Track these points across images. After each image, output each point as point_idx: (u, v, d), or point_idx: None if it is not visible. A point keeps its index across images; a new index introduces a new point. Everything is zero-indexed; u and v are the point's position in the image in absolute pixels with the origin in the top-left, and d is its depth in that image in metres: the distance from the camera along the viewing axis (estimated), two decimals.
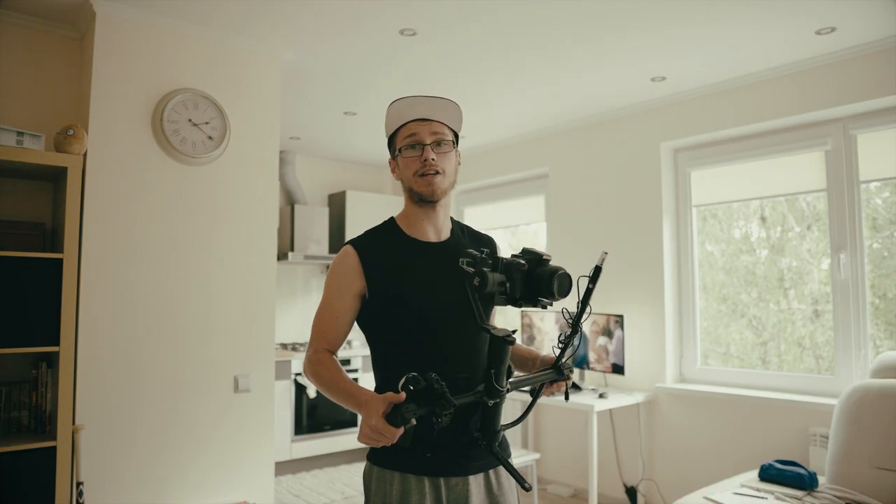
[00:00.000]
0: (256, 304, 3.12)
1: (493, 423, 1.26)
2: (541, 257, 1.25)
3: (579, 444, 4.18)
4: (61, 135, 2.52)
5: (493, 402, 1.22)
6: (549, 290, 1.21)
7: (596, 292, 1.32)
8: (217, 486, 2.94)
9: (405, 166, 1.44)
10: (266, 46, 3.18)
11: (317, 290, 5.57)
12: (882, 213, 3.30)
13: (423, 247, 1.47)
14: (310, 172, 5.62)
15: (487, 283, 1.17)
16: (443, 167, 1.42)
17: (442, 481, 1.38)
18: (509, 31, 3.00)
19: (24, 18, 2.82)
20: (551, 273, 1.22)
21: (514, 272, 1.21)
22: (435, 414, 1.12)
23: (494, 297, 1.19)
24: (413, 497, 1.35)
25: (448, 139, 1.45)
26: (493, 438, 1.28)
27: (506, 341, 1.18)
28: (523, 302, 1.24)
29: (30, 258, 2.44)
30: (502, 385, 1.22)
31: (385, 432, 1.12)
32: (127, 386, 2.73)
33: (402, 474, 1.37)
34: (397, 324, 1.42)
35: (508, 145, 4.98)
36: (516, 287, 1.21)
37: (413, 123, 1.43)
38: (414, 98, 1.45)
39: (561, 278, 1.23)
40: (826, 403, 3.11)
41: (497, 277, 1.19)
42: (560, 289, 1.22)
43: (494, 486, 1.44)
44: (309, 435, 4.80)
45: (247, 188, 3.12)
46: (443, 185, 1.43)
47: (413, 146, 1.42)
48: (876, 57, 3.06)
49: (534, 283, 1.22)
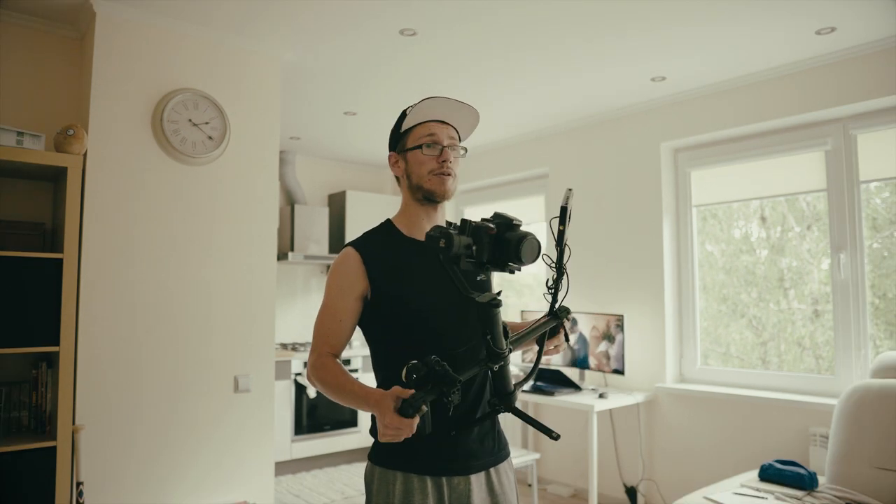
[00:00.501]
0: (256, 304, 3.12)
1: (504, 385, 1.26)
2: (510, 222, 1.24)
3: (579, 444, 4.18)
4: (61, 135, 2.52)
5: (497, 365, 1.23)
6: (517, 255, 1.20)
7: (596, 292, 1.33)
8: (217, 486, 2.94)
9: (419, 163, 1.44)
10: (266, 46, 3.18)
11: (317, 290, 5.57)
12: (882, 213, 3.30)
13: (421, 247, 1.47)
14: (310, 172, 5.62)
15: (453, 245, 1.16)
16: (454, 170, 1.45)
17: (444, 480, 1.38)
18: (509, 31, 3.00)
19: (24, 18, 2.82)
20: (520, 238, 1.21)
21: (482, 236, 1.20)
22: (444, 395, 1.12)
23: (460, 259, 1.18)
24: (416, 496, 1.35)
25: (459, 146, 1.48)
26: (509, 399, 1.27)
27: (491, 305, 1.18)
28: (490, 266, 1.23)
29: (30, 258, 2.44)
30: (501, 347, 1.21)
31: (402, 426, 1.13)
32: (127, 386, 2.73)
33: (404, 474, 1.37)
34: (398, 324, 1.42)
35: (508, 145, 4.98)
36: (483, 250, 1.20)
37: (434, 123, 1.45)
38: (446, 100, 1.46)
39: (530, 243, 1.21)
40: (826, 403, 3.11)
41: (464, 240, 1.18)
42: (527, 254, 1.21)
43: (496, 484, 1.44)
44: (309, 435, 4.80)
45: (247, 188, 3.12)
46: (453, 187, 1.46)
47: (431, 145, 1.43)
48: (876, 57, 3.06)
49: (502, 247, 1.22)
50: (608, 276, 4.16)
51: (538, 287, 5.03)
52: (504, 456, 1.49)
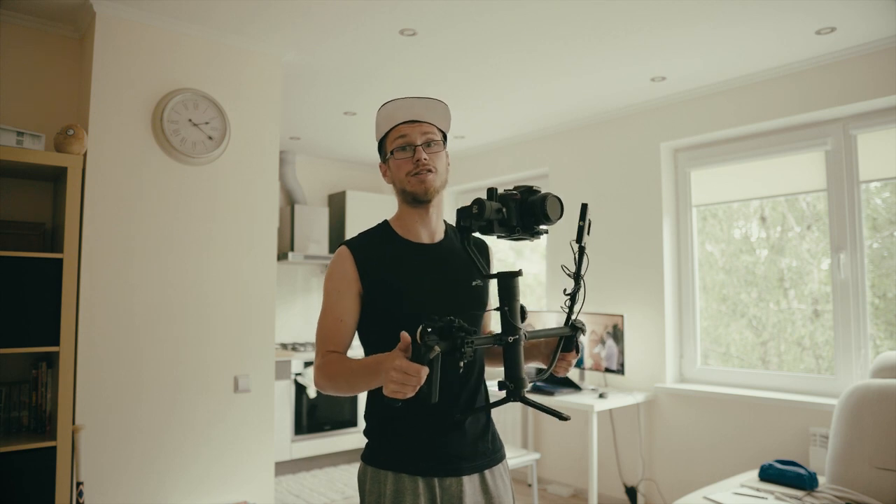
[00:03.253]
0: (256, 304, 3.12)
1: (516, 365, 1.25)
2: (530, 188, 1.28)
3: (579, 444, 4.18)
4: (61, 135, 2.52)
5: (512, 338, 1.23)
6: (544, 213, 1.25)
7: (596, 292, 1.34)
8: (217, 486, 2.94)
9: (397, 168, 1.43)
10: (266, 46, 3.18)
11: (317, 289, 5.57)
12: (882, 213, 3.30)
13: (416, 248, 1.47)
14: (310, 172, 5.63)
15: (485, 210, 1.20)
16: (434, 166, 1.42)
17: (436, 481, 1.37)
18: (509, 31, 3.00)
19: (24, 18, 2.82)
20: (542, 197, 1.26)
21: (508, 202, 1.25)
22: (457, 346, 1.12)
23: (493, 225, 1.23)
24: (407, 497, 1.35)
25: (437, 139, 1.45)
26: (520, 385, 1.24)
27: (512, 274, 1.22)
28: (520, 230, 1.27)
29: (30, 258, 2.44)
30: (517, 321, 1.23)
31: (410, 370, 1.10)
32: (127, 386, 2.73)
33: (395, 474, 1.37)
34: (392, 326, 1.38)
35: (508, 145, 4.98)
36: (512, 215, 1.25)
37: (403, 125, 1.43)
38: (402, 100, 1.45)
39: (552, 200, 1.26)
40: (826, 403, 3.11)
41: (494, 205, 1.23)
42: (552, 210, 1.26)
43: (490, 486, 1.43)
44: (309, 435, 4.80)
45: (247, 188, 3.12)
46: (435, 183, 1.43)
47: (404, 147, 1.42)
48: (876, 57, 3.06)
49: (528, 210, 1.26)
50: (608, 276, 4.16)
51: (537, 287, 5.03)
52: (499, 458, 1.48)
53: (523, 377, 1.25)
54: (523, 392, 1.24)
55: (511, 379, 1.24)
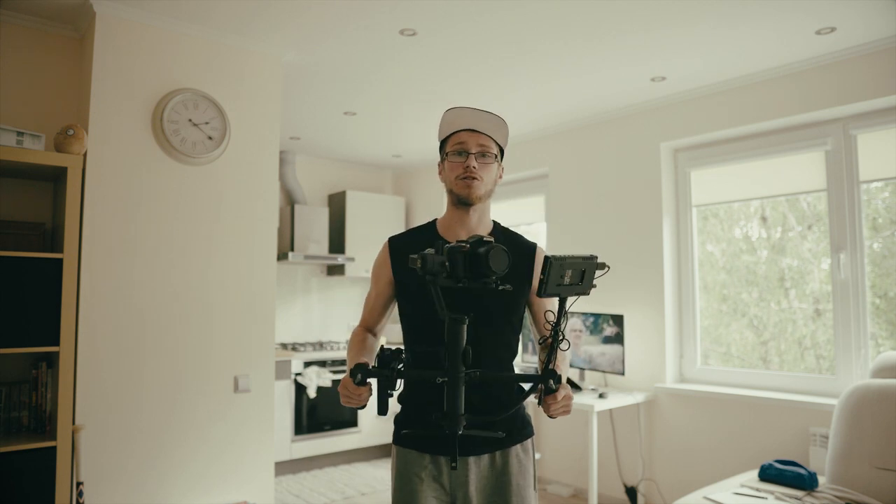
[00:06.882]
0: (256, 304, 3.12)
1: (453, 405, 1.28)
2: (481, 238, 1.33)
3: (579, 444, 4.18)
4: (61, 135, 2.52)
5: (441, 380, 1.29)
6: (487, 265, 1.28)
7: (596, 292, 1.34)
8: (217, 486, 2.94)
9: (450, 170, 1.58)
10: (266, 46, 3.18)
11: (317, 289, 5.60)
12: (882, 213, 3.30)
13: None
14: (310, 172, 5.63)
15: (427, 263, 1.26)
16: (482, 175, 1.55)
17: (442, 459, 1.52)
18: (509, 31, 3.00)
19: (24, 18, 2.82)
20: (487, 250, 1.29)
21: (455, 254, 1.30)
22: (383, 378, 1.33)
23: (438, 277, 1.28)
24: (414, 467, 1.53)
25: (492, 152, 1.58)
26: (455, 423, 1.28)
27: (455, 320, 1.28)
28: (467, 280, 1.31)
29: (30, 258, 2.44)
30: (451, 364, 1.28)
31: (349, 392, 1.37)
32: (127, 386, 2.73)
33: (406, 450, 1.57)
34: (416, 318, 1.59)
35: (508, 145, 4.97)
36: (458, 267, 1.29)
37: (463, 132, 1.57)
38: (467, 109, 1.59)
39: (496, 251, 1.29)
40: (826, 403, 3.10)
41: (438, 258, 1.28)
42: (496, 262, 1.28)
43: (500, 466, 1.54)
44: (309, 435, 4.80)
45: (247, 188, 3.12)
46: (479, 190, 1.55)
47: (459, 153, 1.56)
48: (876, 57, 3.05)
49: (475, 261, 1.30)
50: (608, 275, 4.13)
51: None
52: (514, 440, 1.57)
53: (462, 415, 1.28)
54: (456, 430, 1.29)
55: (445, 414, 1.30)
